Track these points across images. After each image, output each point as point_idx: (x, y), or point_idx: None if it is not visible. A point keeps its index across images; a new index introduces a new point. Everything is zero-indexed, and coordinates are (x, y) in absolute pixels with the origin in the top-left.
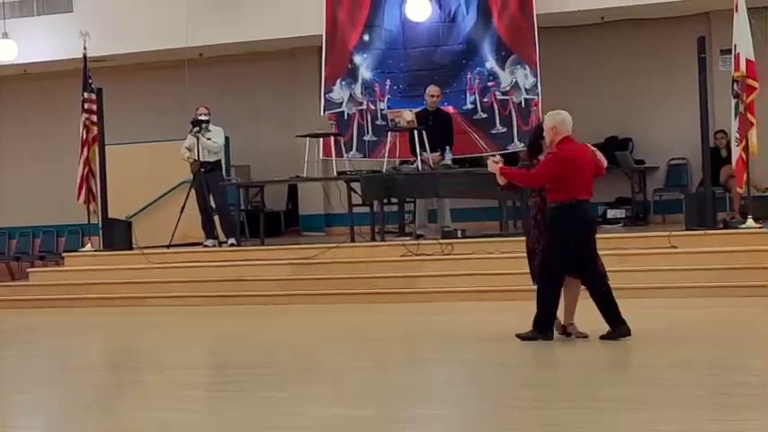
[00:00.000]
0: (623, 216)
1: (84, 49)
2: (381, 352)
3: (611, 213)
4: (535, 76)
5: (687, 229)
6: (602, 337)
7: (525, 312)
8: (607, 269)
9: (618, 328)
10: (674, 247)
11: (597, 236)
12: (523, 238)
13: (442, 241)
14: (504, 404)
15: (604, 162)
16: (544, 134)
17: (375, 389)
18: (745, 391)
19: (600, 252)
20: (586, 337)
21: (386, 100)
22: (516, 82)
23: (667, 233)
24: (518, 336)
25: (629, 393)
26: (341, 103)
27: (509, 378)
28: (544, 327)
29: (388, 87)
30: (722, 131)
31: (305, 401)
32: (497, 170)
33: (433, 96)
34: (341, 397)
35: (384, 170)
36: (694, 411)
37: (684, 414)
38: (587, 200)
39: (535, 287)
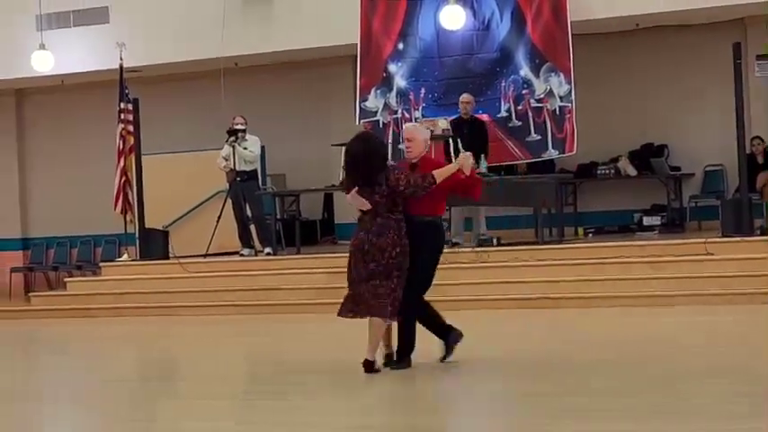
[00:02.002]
0: (659, 223)
1: (121, 59)
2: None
3: (646, 220)
4: (569, 83)
5: (723, 236)
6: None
7: (561, 320)
8: (642, 276)
9: (451, 335)
10: (711, 254)
11: (633, 242)
12: (558, 246)
13: (477, 249)
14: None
15: None
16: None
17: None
18: None
19: (636, 259)
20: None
21: (420, 108)
22: (550, 89)
23: (703, 240)
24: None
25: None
26: (376, 112)
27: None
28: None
29: (422, 96)
30: (758, 138)
31: (336, 411)
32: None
33: (465, 103)
34: (369, 406)
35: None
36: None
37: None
38: None
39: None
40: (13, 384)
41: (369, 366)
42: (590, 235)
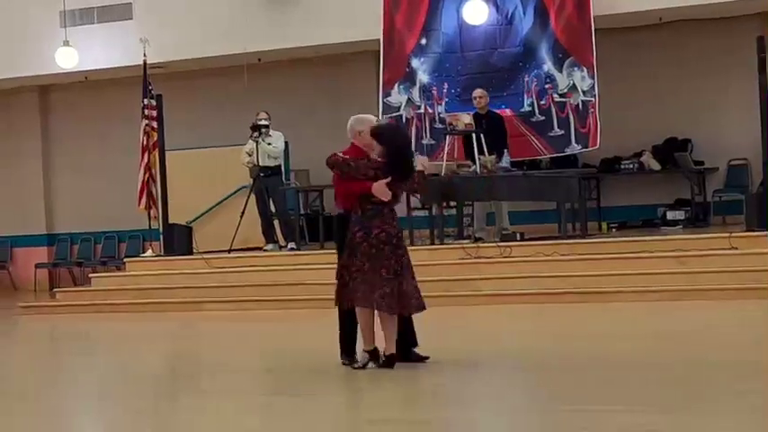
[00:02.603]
0: (683, 218)
1: (144, 55)
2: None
3: (670, 215)
4: (592, 77)
5: (747, 230)
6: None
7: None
8: (666, 271)
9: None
10: (735, 249)
11: (658, 237)
12: (582, 241)
13: (500, 244)
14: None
15: None
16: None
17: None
18: None
19: (659, 254)
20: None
21: (443, 103)
22: (574, 84)
23: (728, 234)
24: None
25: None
26: (399, 107)
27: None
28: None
29: (445, 91)
30: None
31: (356, 406)
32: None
33: (477, 98)
34: (389, 401)
35: (442, 173)
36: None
37: None
38: None
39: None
40: (39, 380)
41: (393, 360)
42: (614, 230)
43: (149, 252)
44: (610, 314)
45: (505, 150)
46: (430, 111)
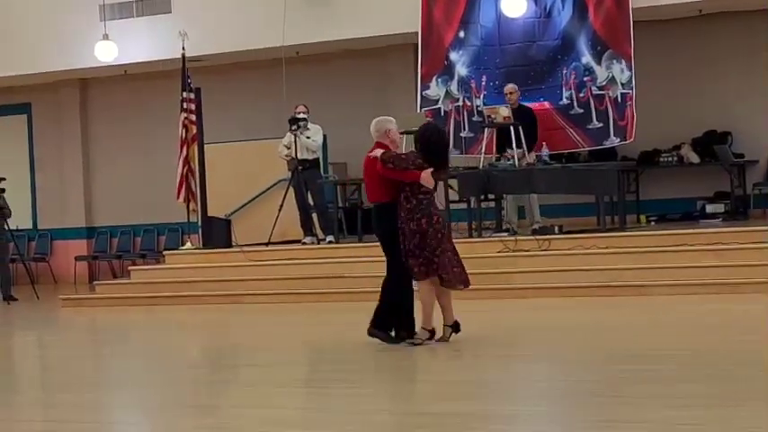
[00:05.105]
0: (722, 211)
1: (183, 49)
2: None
3: (709, 208)
4: (630, 70)
5: None
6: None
7: (623, 308)
8: (706, 264)
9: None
10: None
11: (697, 230)
12: (621, 234)
13: (539, 237)
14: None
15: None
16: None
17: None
18: None
19: (698, 247)
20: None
21: (482, 96)
22: (612, 77)
23: (767, 227)
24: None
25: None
26: (437, 100)
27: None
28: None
29: (483, 84)
30: None
31: (395, 397)
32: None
33: (509, 94)
34: (427, 393)
35: (481, 166)
36: None
37: None
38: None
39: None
40: (80, 372)
41: (458, 325)
42: (652, 223)
43: (188, 245)
44: (648, 308)
45: (544, 144)
46: (468, 104)
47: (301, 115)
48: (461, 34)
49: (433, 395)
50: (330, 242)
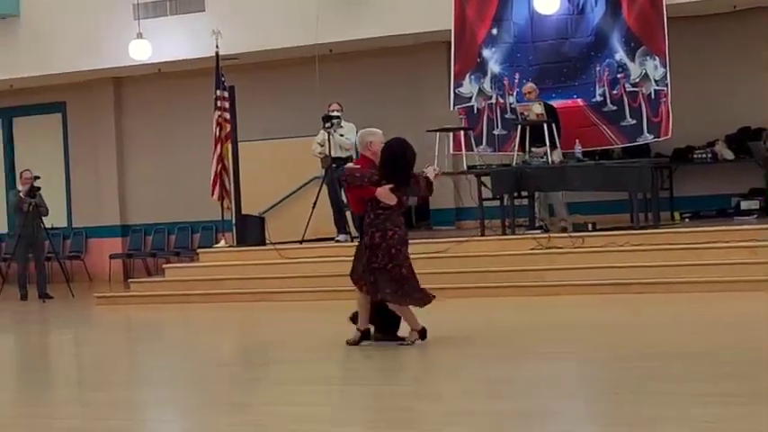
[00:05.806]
0: (757, 207)
1: (217, 47)
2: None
3: (744, 205)
4: (664, 66)
5: None
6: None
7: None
8: (740, 261)
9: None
10: None
11: (731, 227)
12: (654, 231)
13: (573, 234)
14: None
15: None
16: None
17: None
18: None
19: (734, 244)
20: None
21: (515, 94)
22: (646, 73)
23: None
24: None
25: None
26: (470, 98)
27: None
28: None
29: (516, 81)
30: None
31: (433, 396)
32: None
33: (528, 93)
34: (468, 391)
35: (514, 164)
36: None
37: None
38: None
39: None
40: (114, 370)
41: (425, 331)
42: (686, 220)
43: (222, 243)
44: (683, 305)
45: (577, 140)
46: (501, 101)
47: (335, 113)
48: (494, 31)
49: (463, 393)
50: None
